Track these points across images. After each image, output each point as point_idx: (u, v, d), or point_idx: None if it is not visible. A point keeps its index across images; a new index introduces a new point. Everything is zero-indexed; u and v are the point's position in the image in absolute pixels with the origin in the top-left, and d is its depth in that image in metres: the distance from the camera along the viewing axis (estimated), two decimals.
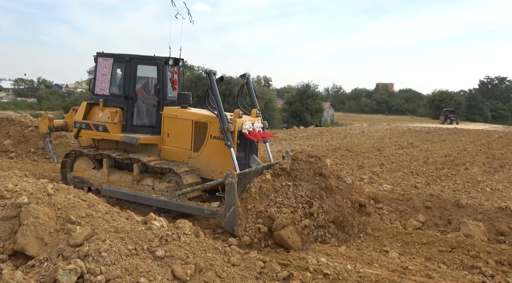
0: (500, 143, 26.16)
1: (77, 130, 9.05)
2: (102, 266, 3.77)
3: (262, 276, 4.65)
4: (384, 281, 5.08)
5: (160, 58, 8.57)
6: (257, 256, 5.11)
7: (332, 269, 5.49)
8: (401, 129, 33.42)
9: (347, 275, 5.43)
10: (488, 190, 11.80)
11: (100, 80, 9.00)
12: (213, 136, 7.86)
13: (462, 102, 71.06)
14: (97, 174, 8.69)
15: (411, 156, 18.28)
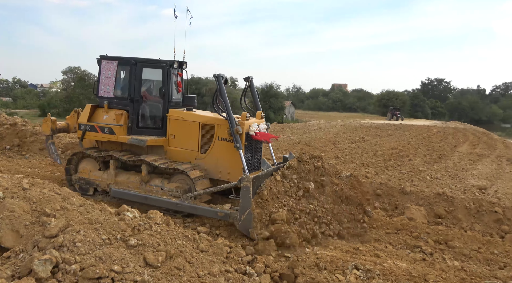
0: (439, 137, 27.16)
1: (82, 133, 8.44)
2: (76, 255, 3.66)
3: (229, 260, 4.65)
4: (338, 261, 5.18)
5: (165, 62, 8.09)
6: (224, 242, 5.10)
7: (292, 252, 5.56)
8: (354, 125, 34.01)
9: (305, 257, 5.50)
10: (428, 178, 12.21)
11: (104, 82, 8.42)
12: (221, 138, 7.51)
13: (406, 101, 73.23)
14: (104, 175, 8.14)
15: (362, 149, 18.62)
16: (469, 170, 14.66)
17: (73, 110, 9.82)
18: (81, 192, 8.29)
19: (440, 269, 5.43)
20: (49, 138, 9.38)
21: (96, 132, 8.30)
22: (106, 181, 8.04)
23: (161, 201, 7.02)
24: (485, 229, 7.93)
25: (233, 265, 4.51)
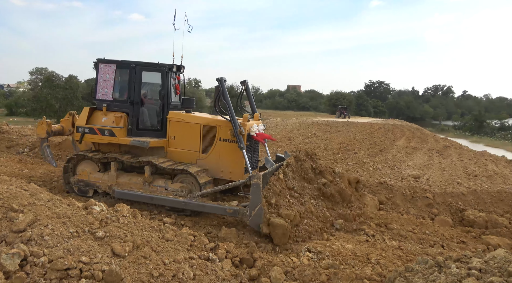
0: (380, 133, 28.12)
1: (81, 135, 7.85)
2: (45, 248, 3.50)
3: (193, 248, 4.60)
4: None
5: (164, 65, 7.74)
6: (188, 231, 5.04)
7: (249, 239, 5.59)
8: (307, 123, 34.47)
9: (264, 244, 5.57)
10: (371, 169, 12.63)
11: (102, 85, 7.90)
12: (222, 139, 7.30)
13: (352, 101, 75.36)
14: (104, 177, 7.65)
15: (314, 144, 18.91)
16: (405, 161, 15.29)
17: (67, 113, 9.13)
18: (80, 194, 7.86)
19: (381, 248, 5.64)
20: (44, 141, 8.62)
21: (95, 135, 7.77)
22: (107, 183, 7.56)
23: (168, 200, 6.70)
24: (419, 212, 8.31)
25: (197, 252, 4.47)
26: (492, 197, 8.75)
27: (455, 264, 3.54)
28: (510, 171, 14.18)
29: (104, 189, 7.61)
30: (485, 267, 3.33)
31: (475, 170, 13.67)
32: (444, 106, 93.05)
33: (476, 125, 56.10)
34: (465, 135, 48.50)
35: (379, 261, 5.02)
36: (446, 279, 3.32)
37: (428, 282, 3.39)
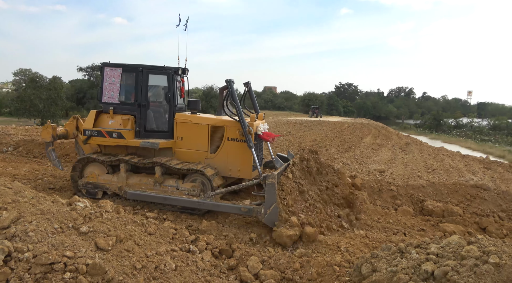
0: (349, 131, 28.65)
1: (87, 138, 7.52)
2: (29, 244, 3.37)
3: (174, 240, 4.55)
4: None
5: (170, 68, 7.50)
6: (170, 225, 4.98)
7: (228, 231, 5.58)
8: (282, 122, 34.68)
9: (242, 236, 5.57)
10: (341, 164, 12.83)
11: (108, 89, 7.57)
12: (230, 139, 7.17)
13: (324, 101, 76.34)
14: (113, 178, 7.28)
15: (289, 141, 19.01)
16: (371, 157, 15.63)
17: (71, 116, 8.61)
18: (88, 196, 7.42)
19: (349, 237, 5.75)
20: (50, 145, 8.12)
21: (103, 137, 7.43)
22: (117, 184, 7.22)
23: (182, 200, 6.49)
24: (384, 203, 8.50)
25: (178, 244, 4.43)
26: (448, 189, 9.05)
27: (415, 250, 3.65)
28: (464, 164, 14.72)
29: (114, 190, 7.26)
30: (441, 252, 3.45)
31: (434, 164, 14.12)
32: (406, 106, 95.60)
33: (435, 124, 57.93)
34: (425, 133, 49.99)
35: (348, 249, 5.11)
36: (407, 264, 3.41)
37: (391, 267, 3.47)
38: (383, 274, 3.43)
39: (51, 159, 8.19)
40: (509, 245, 3.47)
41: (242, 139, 6.96)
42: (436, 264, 3.26)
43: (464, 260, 3.19)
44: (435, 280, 3.10)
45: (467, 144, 35.19)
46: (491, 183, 10.66)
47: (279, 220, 5.43)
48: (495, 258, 3.04)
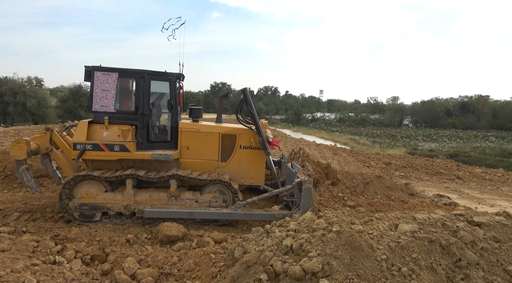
0: None
1: (80, 153, 6.19)
2: None
3: (36, 253, 3.96)
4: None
5: (172, 74, 6.68)
6: (30, 238, 4.31)
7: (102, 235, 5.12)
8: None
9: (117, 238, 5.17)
10: None
11: (99, 96, 6.37)
12: (243, 146, 6.82)
13: (201, 100, 76.86)
14: (117, 197, 6.19)
15: None
16: None
17: (44, 128, 6.78)
18: (82, 219, 6.16)
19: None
20: (22, 163, 6.35)
21: (101, 151, 6.23)
22: (122, 202, 6.17)
23: (210, 213, 5.69)
24: None
25: (41, 257, 3.87)
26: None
27: (278, 229, 3.99)
28: (318, 152, 16.78)
29: (119, 209, 6.19)
30: (298, 228, 3.86)
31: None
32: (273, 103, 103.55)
33: (296, 118, 64.47)
34: (288, 126, 55.13)
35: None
36: (271, 242, 3.71)
37: (259, 246, 3.73)
38: (252, 254, 3.65)
39: (25, 180, 6.39)
40: (347, 215, 4.10)
41: (255, 147, 6.80)
42: (294, 239, 3.64)
43: (315, 232, 3.64)
44: (293, 252, 3.46)
45: (320, 134, 40.18)
46: (337, 165, 12.44)
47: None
48: (337, 227, 3.56)
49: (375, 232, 3.75)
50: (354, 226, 3.69)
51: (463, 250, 3.48)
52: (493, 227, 3.88)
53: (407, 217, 4.15)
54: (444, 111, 61.92)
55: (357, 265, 3.23)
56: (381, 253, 3.37)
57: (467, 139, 39.06)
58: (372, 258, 3.32)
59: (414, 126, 61.52)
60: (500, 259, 3.49)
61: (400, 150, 26.25)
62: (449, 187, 12.77)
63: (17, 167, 6.39)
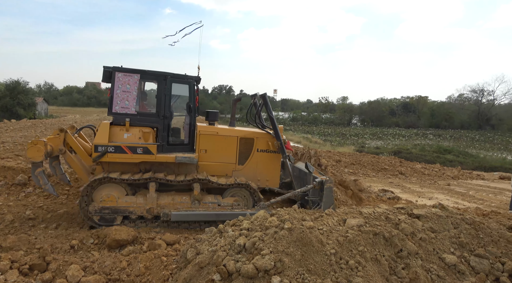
0: None
1: (101, 155, 6.05)
2: None
3: None
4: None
5: (192, 77, 6.69)
6: None
7: (43, 243, 4.77)
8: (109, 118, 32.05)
9: (60, 245, 4.85)
10: None
11: (120, 97, 6.26)
12: (260, 150, 6.94)
13: None
14: (138, 200, 6.15)
15: None
16: None
17: (58, 129, 6.45)
18: (102, 223, 6.03)
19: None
20: (39, 165, 6.02)
21: (123, 154, 6.12)
22: (145, 206, 6.12)
23: (236, 215, 5.33)
24: None
25: None
26: None
27: (231, 228, 3.98)
28: None
29: (141, 213, 6.13)
30: (251, 226, 3.88)
31: None
32: (228, 102, 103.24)
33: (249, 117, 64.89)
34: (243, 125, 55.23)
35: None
36: (224, 241, 3.69)
37: (212, 247, 3.69)
38: (205, 255, 3.60)
39: (41, 183, 6.07)
40: (298, 212, 4.20)
41: (272, 151, 6.95)
42: (247, 237, 3.65)
43: (268, 229, 3.68)
44: (246, 251, 3.47)
45: None
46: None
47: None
48: (288, 224, 3.63)
49: (325, 228, 3.88)
50: (305, 223, 3.79)
51: (404, 241, 3.71)
52: (430, 218, 4.19)
53: (354, 212, 4.35)
54: (388, 111, 65.90)
55: (307, 261, 3.32)
56: (330, 248, 3.50)
57: (409, 137, 41.94)
58: (322, 253, 3.43)
59: (361, 125, 64.79)
60: (436, 247, 3.78)
61: (349, 147, 27.55)
62: (393, 182, 13.62)
63: (33, 169, 6.06)
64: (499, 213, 8.67)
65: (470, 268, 3.59)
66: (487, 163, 23.34)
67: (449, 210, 4.41)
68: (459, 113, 58.83)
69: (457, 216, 4.24)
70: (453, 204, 9.96)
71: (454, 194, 11.72)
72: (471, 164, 22.20)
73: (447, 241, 3.88)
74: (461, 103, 62.13)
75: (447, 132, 48.46)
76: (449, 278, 3.44)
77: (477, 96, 60.68)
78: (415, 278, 3.31)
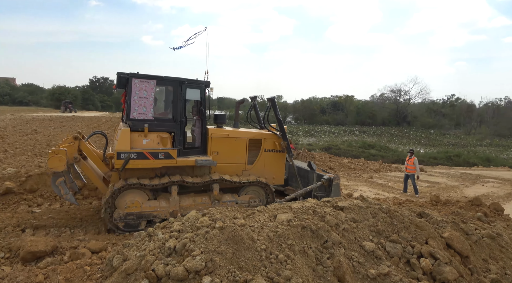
0: (107, 125, 27.18)
1: (125, 162, 5.99)
2: None
3: None
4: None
5: (202, 82, 6.90)
6: None
7: None
8: (26, 119, 29.00)
9: None
10: None
11: (138, 103, 6.24)
12: (267, 150, 7.45)
13: (78, 95, 68.74)
14: (162, 204, 6.37)
15: (35, 141, 16.21)
16: None
17: (71, 136, 6.38)
18: (127, 229, 6.11)
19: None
20: (60, 175, 6.01)
21: (146, 160, 6.19)
22: (168, 209, 6.35)
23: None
24: None
25: None
26: None
27: (161, 231, 3.86)
28: None
29: (165, 216, 6.30)
30: (182, 228, 3.80)
31: None
32: None
33: None
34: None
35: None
36: (154, 245, 3.57)
37: (140, 251, 3.54)
38: (133, 260, 3.44)
39: (62, 193, 6.10)
40: (230, 210, 4.23)
41: (277, 150, 7.46)
42: (178, 239, 3.57)
43: (199, 230, 3.64)
44: (177, 253, 3.39)
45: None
46: None
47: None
48: (220, 223, 3.63)
49: (256, 224, 3.95)
50: (237, 221, 3.83)
51: (329, 233, 3.95)
52: (352, 209, 4.51)
53: (284, 208, 4.50)
54: (319, 109, 69.44)
55: (239, 258, 3.35)
56: (261, 243, 3.58)
57: (338, 134, 44.72)
58: (253, 249, 3.50)
59: (295, 123, 67.38)
60: (357, 236, 4.08)
61: None
62: None
63: (53, 179, 6.02)
64: (412, 201, 9.67)
65: (386, 253, 3.94)
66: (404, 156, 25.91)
67: (369, 201, 4.80)
68: (381, 112, 64.23)
69: (375, 206, 4.62)
70: (374, 195, 10.85)
71: (376, 186, 12.78)
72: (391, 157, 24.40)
73: (367, 230, 4.21)
74: (382, 102, 67.89)
75: (370, 129, 52.64)
76: (368, 263, 3.74)
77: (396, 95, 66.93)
78: (338, 266, 3.54)
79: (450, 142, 39.51)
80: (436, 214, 4.86)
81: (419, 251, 3.99)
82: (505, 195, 12.40)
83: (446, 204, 9.07)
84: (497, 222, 6.43)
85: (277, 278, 3.21)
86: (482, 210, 7.65)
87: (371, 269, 3.65)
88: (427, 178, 15.42)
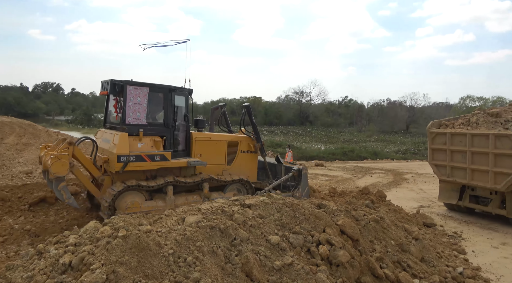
0: None
1: (124, 164, 6.25)
2: None
3: None
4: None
5: (186, 89, 7.40)
6: None
7: None
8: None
9: None
10: None
11: (132, 109, 6.57)
12: (243, 151, 8.10)
13: None
14: (159, 203, 6.67)
15: None
16: (16, 159, 13.49)
17: (65, 142, 6.40)
18: None
19: None
20: (62, 180, 6.05)
21: (143, 162, 6.49)
22: (165, 208, 6.32)
23: None
24: None
25: None
26: None
27: (54, 246, 3.48)
28: None
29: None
30: (79, 241, 3.49)
31: None
32: (56, 102, 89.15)
33: (86, 119, 58.11)
34: (77, 128, 49.05)
35: None
36: (45, 263, 3.20)
37: (28, 272, 3.14)
38: None
39: (65, 197, 6.07)
40: (135, 217, 4.03)
41: (251, 151, 8.19)
42: (74, 254, 3.26)
43: (99, 241, 3.38)
44: (73, 269, 3.10)
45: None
46: None
47: (310, 196, 7.78)
48: (123, 231, 3.43)
49: (163, 229, 3.85)
50: (142, 227, 3.67)
51: (237, 230, 4.06)
52: (258, 206, 4.71)
53: (193, 209, 4.48)
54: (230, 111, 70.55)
55: (144, 266, 3.22)
56: (169, 248, 3.50)
57: None
58: (160, 255, 3.40)
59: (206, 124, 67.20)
60: (264, 232, 4.28)
61: None
62: None
63: (56, 184, 6.07)
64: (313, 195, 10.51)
65: (289, 244, 4.22)
66: (308, 153, 27.98)
67: (274, 197, 5.07)
68: (286, 112, 68.26)
69: (279, 201, 4.91)
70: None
71: None
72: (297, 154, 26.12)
73: (272, 224, 4.45)
74: (287, 103, 72.23)
75: (278, 129, 55.51)
76: (273, 256, 3.96)
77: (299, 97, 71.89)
78: (246, 262, 3.67)
79: (346, 139, 44.04)
80: (332, 204, 5.38)
81: (318, 239, 4.37)
82: (388, 183, 14.36)
83: (341, 194, 10.10)
84: (381, 207, 7.42)
85: (185, 281, 3.18)
86: (369, 197, 8.72)
87: (276, 261, 3.87)
88: (327, 172, 16.94)
